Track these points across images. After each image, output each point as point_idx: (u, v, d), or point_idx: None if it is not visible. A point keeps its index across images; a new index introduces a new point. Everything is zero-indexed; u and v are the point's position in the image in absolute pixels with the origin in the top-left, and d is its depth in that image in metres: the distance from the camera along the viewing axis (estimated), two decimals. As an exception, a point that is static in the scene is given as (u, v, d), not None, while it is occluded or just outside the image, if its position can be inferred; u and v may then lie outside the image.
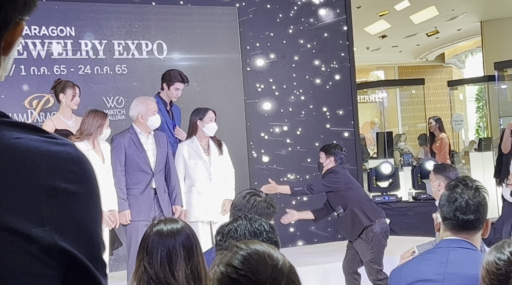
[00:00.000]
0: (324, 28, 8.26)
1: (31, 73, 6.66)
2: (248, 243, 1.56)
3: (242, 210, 3.27)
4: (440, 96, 19.43)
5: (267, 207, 3.34)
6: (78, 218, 0.97)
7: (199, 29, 7.54)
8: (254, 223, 2.42)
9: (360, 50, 14.50)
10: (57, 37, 6.82)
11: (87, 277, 0.97)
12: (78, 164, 0.98)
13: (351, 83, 8.39)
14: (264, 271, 1.47)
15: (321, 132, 8.19)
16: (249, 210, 3.24)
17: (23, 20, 1.01)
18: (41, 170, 0.95)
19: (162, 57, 7.34)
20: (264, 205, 3.33)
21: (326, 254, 7.31)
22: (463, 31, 17.00)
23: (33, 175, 0.94)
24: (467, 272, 2.47)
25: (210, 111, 6.02)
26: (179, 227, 2.58)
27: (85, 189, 0.99)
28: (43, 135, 0.98)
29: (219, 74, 7.61)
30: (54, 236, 0.93)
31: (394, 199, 8.93)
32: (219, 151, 6.02)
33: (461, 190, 2.58)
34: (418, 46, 18.92)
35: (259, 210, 3.27)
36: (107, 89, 7.04)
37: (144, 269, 2.52)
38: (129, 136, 5.69)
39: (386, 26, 15.60)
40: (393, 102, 16.84)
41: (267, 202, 3.36)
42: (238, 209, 3.33)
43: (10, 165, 0.93)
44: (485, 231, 2.60)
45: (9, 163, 0.93)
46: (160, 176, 5.73)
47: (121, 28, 7.17)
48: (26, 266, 0.91)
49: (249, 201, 3.35)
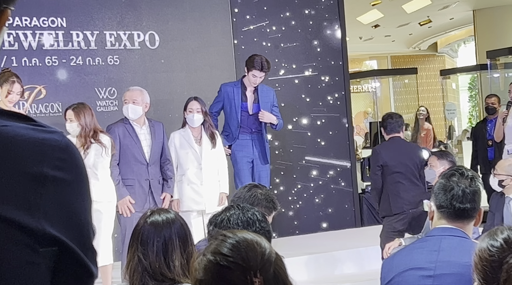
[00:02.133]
0: (317, 18, 8.24)
1: (22, 65, 6.62)
2: (235, 232, 1.57)
3: (241, 199, 3.28)
4: (433, 85, 19.44)
5: (266, 200, 3.34)
6: (67, 205, 0.97)
7: (191, 19, 7.51)
8: (246, 213, 2.42)
9: (352, 40, 14.48)
10: (48, 28, 6.78)
11: (78, 264, 0.98)
12: (66, 151, 0.98)
13: (343, 72, 8.38)
14: (254, 258, 1.48)
15: (314, 122, 8.19)
16: (247, 200, 3.25)
17: (8, 9, 1.00)
18: (29, 157, 0.94)
19: (154, 47, 7.31)
20: (263, 197, 3.34)
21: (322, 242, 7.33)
22: (455, 20, 17.00)
23: (21, 162, 0.94)
24: (459, 260, 2.48)
25: (191, 101, 5.94)
26: (173, 217, 2.58)
27: (74, 176, 0.99)
28: (31, 123, 0.98)
29: (211, 64, 7.59)
30: (43, 223, 0.94)
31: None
32: (212, 143, 6.00)
33: (457, 179, 2.58)
34: (410, 36, 18.92)
35: (257, 201, 3.27)
36: (99, 80, 7.02)
37: (139, 260, 2.51)
38: (124, 125, 5.69)
39: (378, 16, 15.58)
40: (386, 91, 16.84)
41: (266, 195, 3.37)
42: (237, 197, 3.35)
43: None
44: (477, 220, 2.62)
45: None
46: (154, 167, 5.73)
47: (113, 18, 7.14)
48: (16, 254, 0.92)
49: (250, 191, 3.36)
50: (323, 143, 8.21)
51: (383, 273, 2.70)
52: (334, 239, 7.58)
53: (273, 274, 1.48)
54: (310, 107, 8.18)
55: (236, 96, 6.36)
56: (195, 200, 5.83)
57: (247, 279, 1.45)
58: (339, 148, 8.28)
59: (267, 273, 1.48)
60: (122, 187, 5.57)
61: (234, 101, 6.34)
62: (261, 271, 1.47)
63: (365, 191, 8.84)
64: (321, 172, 8.19)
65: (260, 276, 1.46)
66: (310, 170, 8.15)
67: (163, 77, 7.34)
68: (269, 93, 6.55)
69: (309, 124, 8.17)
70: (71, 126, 5.40)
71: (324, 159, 8.20)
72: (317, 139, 8.19)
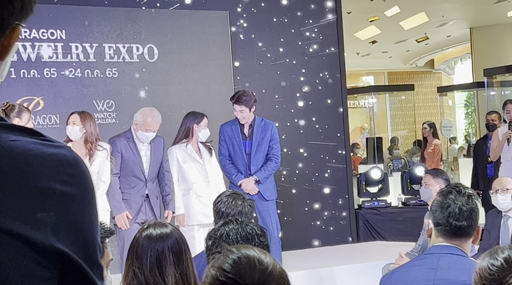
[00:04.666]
0: (315, 33, 8.27)
1: (21, 76, 6.63)
2: (240, 248, 1.57)
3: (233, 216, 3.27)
4: (430, 102, 19.51)
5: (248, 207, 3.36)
6: (74, 220, 0.97)
7: (190, 33, 7.53)
8: (245, 227, 2.42)
9: (350, 56, 14.54)
10: (47, 40, 6.79)
11: (83, 279, 0.98)
12: (74, 166, 0.99)
13: (341, 88, 8.40)
14: (251, 275, 1.48)
15: (310, 139, 8.20)
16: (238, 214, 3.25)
17: (20, 26, 1.01)
18: (37, 172, 0.95)
19: (153, 60, 7.32)
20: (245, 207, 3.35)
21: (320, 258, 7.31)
22: (452, 37, 17.09)
23: (29, 177, 0.94)
24: (457, 278, 2.48)
25: (205, 117, 6.03)
26: (168, 232, 2.57)
27: (81, 192, 0.99)
28: (39, 138, 0.98)
29: (210, 78, 7.60)
30: (50, 238, 0.94)
31: (384, 205, 8.94)
32: (209, 154, 6.05)
33: (454, 196, 2.59)
34: (408, 52, 19.01)
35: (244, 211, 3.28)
36: (97, 92, 7.02)
37: (134, 274, 2.50)
38: (127, 140, 5.71)
39: (376, 32, 15.66)
40: (382, 107, 16.89)
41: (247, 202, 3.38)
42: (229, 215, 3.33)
43: (6, 167, 0.93)
44: (475, 238, 2.62)
45: (5, 166, 0.93)
46: (152, 183, 5.75)
47: (112, 31, 7.15)
48: (22, 267, 0.92)
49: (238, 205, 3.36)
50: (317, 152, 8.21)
51: (381, 290, 2.70)
52: (330, 255, 7.56)
53: None
54: (306, 125, 8.19)
55: (236, 134, 6.25)
56: (204, 213, 5.80)
57: None
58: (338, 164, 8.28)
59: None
60: (121, 201, 5.59)
61: (235, 139, 6.26)
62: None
63: (361, 207, 8.84)
64: (317, 187, 8.18)
65: None
66: (305, 184, 8.15)
67: (162, 90, 7.34)
68: (267, 128, 6.28)
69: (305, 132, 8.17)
70: (73, 129, 5.43)
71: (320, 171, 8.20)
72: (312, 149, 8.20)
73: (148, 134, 5.71)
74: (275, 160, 6.27)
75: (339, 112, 8.36)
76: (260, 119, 6.32)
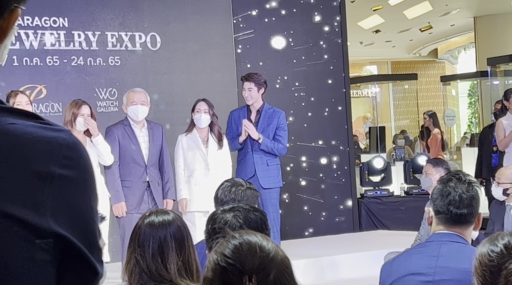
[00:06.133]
0: (318, 22, 8.25)
1: (24, 64, 6.63)
2: (243, 233, 1.58)
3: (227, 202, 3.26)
4: (433, 91, 19.47)
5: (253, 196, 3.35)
6: (73, 204, 0.97)
7: (193, 21, 7.51)
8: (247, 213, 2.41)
9: (353, 45, 14.50)
10: (50, 28, 6.78)
11: (83, 262, 0.98)
12: (74, 150, 0.98)
13: (344, 77, 8.39)
14: (251, 262, 1.48)
15: (315, 128, 8.20)
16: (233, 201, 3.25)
17: (18, 8, 1.00)
18: (36, 155, 0.95)
19: (155, 49, 7.31)
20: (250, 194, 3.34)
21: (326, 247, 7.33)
22: (456, 26, 17.03)
23: (28, 160, 0.94)
24: (458, 266, 2.48)
25: (199, 102, 5.96)
26: (170, 219, 2.57)
27: (80, 175, 0.99)
28: (38, 121, 0.98)
29: (213, 66, 7.59)
30: (49, 221, 0.94)
31: (386, 194, 8.95)
32: (218, 144, 6.01)
33: (455, 184, 2.58)
34: (411, 41, 18.95)
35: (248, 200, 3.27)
36: (99, 80, 7.02)
37: (136, 262, 2.50)
38: (123, 127, 5.71)
39: (379, 21, 15.61)
40: (385, 97, 16.86)
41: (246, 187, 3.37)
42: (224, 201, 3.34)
43: (5, 150, 0.93)
44: (476, 225, 2.61)
45: (4, 149, 0.93)
46: (153, 169, 5.73)
47: (115, 19, 7.14)
48: (21, 251, 0.92)
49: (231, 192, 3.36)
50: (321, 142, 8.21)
51: (382, 277, 2.70)
52: (332, 243, 7.58)
53: (273, 280, 1.48)
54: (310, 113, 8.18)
55: (242, 119, 6.29)
56: (202, 201, 5.81)
57: (241, 281, 1.46)
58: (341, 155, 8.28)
59: (266, 277, 1.48)
60: (121, 191, 5.58)
61: (240, 125, 6.28)
62: (258, 275, 1.47)
63: (364, 196, 8.85)
64: (320, 175, 8.19)
65: (255, 281, 1.46)
66: (308, 173, 8.16)
67: (164, 79, 7.34)
68: (275, 116, 6.26)
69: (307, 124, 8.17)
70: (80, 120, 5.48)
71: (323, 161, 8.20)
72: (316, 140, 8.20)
73: (136, 108, 5.64)
74: (283, 145, 6.26)
75: (341, 101, 8.34)
76: (269, 107, 6.31)
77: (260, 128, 6.20)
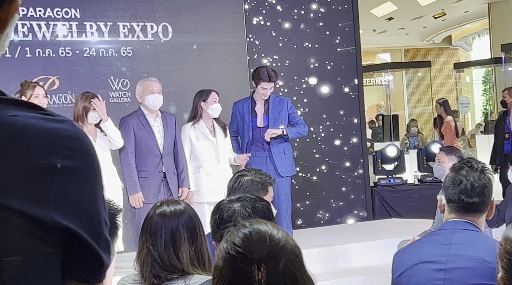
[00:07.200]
0: (330, 10, 8.21)
1: (36, 55, 6.65)
2: (253, 222, 1.58)
3: (231, 192, 3.27)
4: (447, 78, 19.34)
5: (253, 184, 3.33)
6: (77, 195, 0.97)
7: (204, 11, 7.50)
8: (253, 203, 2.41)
9: (366, 33, 14.42)
10: (62, 19, 6.80)
11: (88, 252, 0.98)
12: (76, 140, 0.98)
13: (356, 65, 8.35)
14: (260, 250, 1.49)
15: (327, 116, 8.17)
16: (237, 191, 3.24)
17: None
18: (38, 147, 0.94)
19: (167, 39, 7.31)
20: (249, 183, 3.33)
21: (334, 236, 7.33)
22: (470, 13, 16.87)
23: (30, 152, 0.94)
24: (470, 254, 2.47)
25: (213, 92, 6.01)
26: (182, 208, 2.57)
27: (84, 165, 0.98)
28: (40, 112, 0.97)
29: (224, 56, 7.59)
30: (53, 213, 0.94)
31: (400, 182, 8.93)
32: (224, 134, 6.06)
33: (466, 172, 2.57)
34: (424, 29, 18.81)
35: (245, 189, 3.26)
36: (112, 71, 7.03)
37: (148, 251, 2.51)
38: (138, 118, 5.73)
39: (392, 8, 15.50)
40: (399, 84, 16.78)
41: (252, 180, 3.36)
42: (228, 192, 3.35)
43: (6, 143, 0.93)
44: (489, 212, 2.60)
45: (6, 141, 0.93)
46: (169, 158, 5.76)
47: (126, 10, 7.14)
48: (25, 245, 0.92)
49: (236, 181, 3.36)
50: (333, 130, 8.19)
51: (395, 266, 2.70)
52: (345, 232, 7.57)
53: (282, 269, 1.48)
54: (322, 102, 8.16)
55: (246, 112, 6.29)
56: (213, 191, 5.84)
57: (250, 270, 1.47)
58: (353, 142, 8.26)
59: (275, 267, 1.48)
60: (137, 181, 5.61)
61: (245, 117, 6.30)
62: (267, 264, 1.47)
63: (377, 184, 8.83)
64: (333, 165, 8.17)
65: (264, 270, 1.46)
66: (321, 163, 8.14)
67: (176, 69, 7.34)
68: (283, 103, 6.35)
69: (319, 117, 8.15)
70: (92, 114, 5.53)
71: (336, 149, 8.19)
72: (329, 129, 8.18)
73: (155, 96, 5.66)
74: (303, 124, 6.39)
75: (354, 89, 8.31)
76: (275, 96, 6.39)
77: (272, 116, 6.25)
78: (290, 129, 6.25)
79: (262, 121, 6.33)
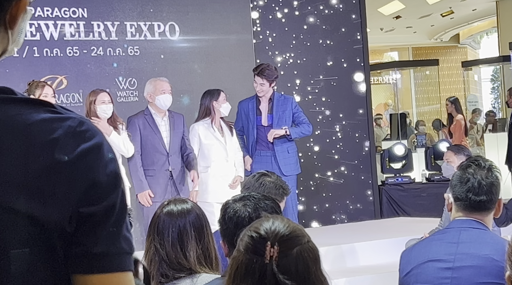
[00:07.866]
0: (337, 9, 8.20)
1: (44, 55, 6.67)
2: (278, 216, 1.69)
3: (250, 189, 3.28)
4: (455, 77, 19.28)
5: (275, 187, 3.35)
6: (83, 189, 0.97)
7: (211, 10, 7.51)
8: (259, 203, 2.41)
9: (373, 31, 14.38)
10: (69, 18, 6.82)
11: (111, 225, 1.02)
12: (80, 135, 0.98)
13: (364, 64, 8.33)
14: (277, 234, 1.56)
15: (334, 114, 8.16)
16: (257, 189, 3.26)
17: None
18: (43, 144, 0.95)
19: (174, 38, 7.32)
20: (272, 185, 3.35)
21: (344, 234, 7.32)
22: (478, 11, 16.81)
23: (35, 151, 0.94)
24: (478, 252, 2.46)
25: (221, 92, 6.05)
26: (189, 207, 2.58)
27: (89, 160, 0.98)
28: (45, 109, 0.98)
29: (231, 55, 7.59)
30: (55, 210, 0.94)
31: (407, 181, 8.90)
32: (231, 133, 6.07)
33: (474, 170, 2.56)
34: (432, 27, 18.74)
35: (267, 189, 3.29)
36: (119, 70, 7.05)
37: (155, 250, 2.51)
38: (144, 117, 5.75)
39: (400, 7, 15.46)
40: (407, 83, 16.72)
41: (275, 183, 3.38)
42: (247, 187, 3.36)
43: (10, 140, 0.93)
44: (497, 210, 2.59)
45: (10, 139, 0.93)
46: (176, 157, 5.77)
47: (133, 9, 7.15)
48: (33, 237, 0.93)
49: (258, 180, 3.37)
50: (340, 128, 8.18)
51: (402, 264, 2.69)
52: (353, 231, 7.56)
53: (295, 255, 1.53)
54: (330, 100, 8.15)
55: (251, 111, 6.29)
56: (221, 191, 5.84)
57: (264, 247, 1.52)
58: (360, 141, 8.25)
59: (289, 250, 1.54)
60: (144, 179, 5.63)
61: (250, 116, 6.30)
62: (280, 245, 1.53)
63: (385, 183, 8.81)
64: (340, 161, 8.16)
65: (277, 248, 1.52)
66: (329, 161, 8.13)
67: (183, 68, 7.35)
68: (287, 102, 6.33)
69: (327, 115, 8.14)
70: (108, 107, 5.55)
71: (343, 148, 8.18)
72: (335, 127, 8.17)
73: (166, 97, 5.68)
74: (307, 124, 6.34)
75: (362, 88, 8.29)
76: (279, 94, 6.39)
77: (276, 115, 6.25)
78: (293, 129, 6.23)
79: (266, 120, 6.33)
